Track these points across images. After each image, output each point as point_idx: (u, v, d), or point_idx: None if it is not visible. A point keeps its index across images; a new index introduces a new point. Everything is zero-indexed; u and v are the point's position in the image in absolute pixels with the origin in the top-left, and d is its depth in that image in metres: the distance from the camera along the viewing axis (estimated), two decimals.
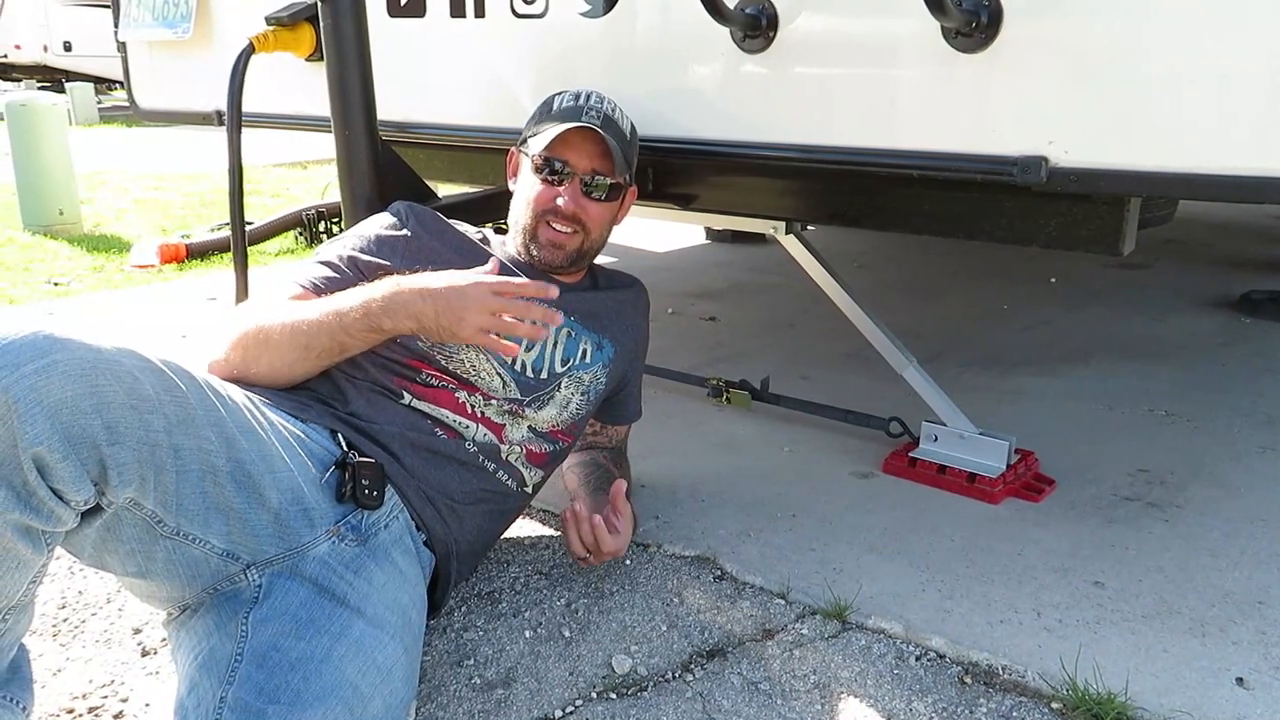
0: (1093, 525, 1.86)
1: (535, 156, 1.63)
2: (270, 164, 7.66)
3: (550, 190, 1.62)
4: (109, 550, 1.15)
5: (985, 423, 2.06)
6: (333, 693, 1.13)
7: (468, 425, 1.52)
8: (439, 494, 1.47)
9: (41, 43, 14.28)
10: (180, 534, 1.15)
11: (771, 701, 1.37)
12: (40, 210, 5.08)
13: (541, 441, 1.61)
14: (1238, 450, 2.21)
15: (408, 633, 1.30)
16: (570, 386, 1.63)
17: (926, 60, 1.55)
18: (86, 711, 1.37)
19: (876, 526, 1.86)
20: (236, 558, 1.21)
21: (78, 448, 1.01)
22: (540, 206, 1.63)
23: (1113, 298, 3.59)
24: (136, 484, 1.07)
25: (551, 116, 1.66)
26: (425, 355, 1.52)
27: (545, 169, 1.62)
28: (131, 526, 1.12)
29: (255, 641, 1.17)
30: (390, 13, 2.23)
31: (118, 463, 1.04)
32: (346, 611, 1.24)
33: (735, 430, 2.34)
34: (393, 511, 1.41)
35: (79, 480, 1.02)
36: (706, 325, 3.28)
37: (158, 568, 1.18)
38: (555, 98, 1.71)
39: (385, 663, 1.21)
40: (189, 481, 1.13)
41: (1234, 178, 1.36)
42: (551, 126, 1.61)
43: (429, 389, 1.51)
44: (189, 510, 1.14)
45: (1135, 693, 1.36)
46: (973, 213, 1.78)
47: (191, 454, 1.13)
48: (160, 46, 2.82)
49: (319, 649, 1.17)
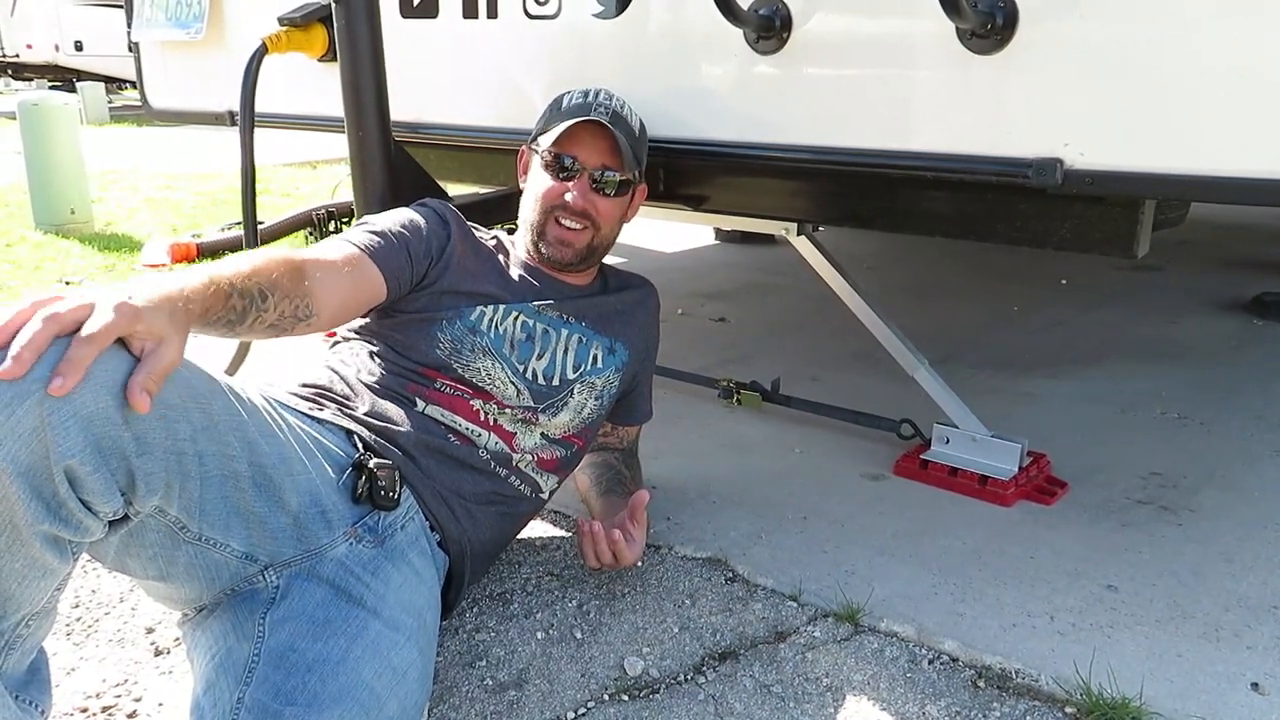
0: (1106, 528, 1.86)
1: (544, 152, 1.63)
2: (280, 163, 7.68)
3: (559, 186, 1.62)
4: (131, 555, 1.15)
5: (997, 425, 2.06)
6: (349, 694, 1.13)
7: (480, 433, 1.52)
8: (453, 494, 1.47)
9: (53, 42, 14.35)
10: (202, 539, 1.15)
11: (784, 704, 1.36)
12: (52, 209, 5.10)
13: (554, 447, 1.61)
14: (1251, 453, 2.20)
15: (423, 634, 1.30)
16: (584, 392, 1.63)
17: (941, 62, 1.55)
18: (100, 710, 1.37)
19: (888, 529, 1.86)
20: (255, 559, 1.21)
21: (109, 459, 1.00)
22: (549, 202, 1.63)
23: (1125, 299, 3.58)
24: (162, 492, 1.07)
25: (561, 113, 1.66)
26: (442, 364, 1.52)
27: (554, 165, 1.62)
28: (155, 533, 1.12)
29: (272, 642, 1.17)
30: (403, 13, 2.23)
31: (145, 473, 1.03)
32: (363, 613, 1.24)
33: (746, 431, 2.34)
34: (409, 513, 1.41)
35: (109, 492, 1.01)
36: (717, 326, 3.28)
37: (178, 571, 1.18)
38: (564, 95, 1.72)
39: (401, 664, 1.21)
40: (212, 487, 1.13)
41: (1251, 180, 1.35)
42: (560, 123, 1.62)
43: (444, 395, 1.52)
44: (211, 516, 1.14)
45: (1150, 698, 1.36)
46: (987, 214, 1.78)
47: (214, 459, 1.12)
48: (173, 47, 2.83)
49: (336, 650, 1.17)
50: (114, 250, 4.64)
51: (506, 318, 1.58)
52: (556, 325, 1.62)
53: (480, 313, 1.56)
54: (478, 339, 1.54)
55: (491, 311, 1.57)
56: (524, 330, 1.59)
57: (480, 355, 1.53)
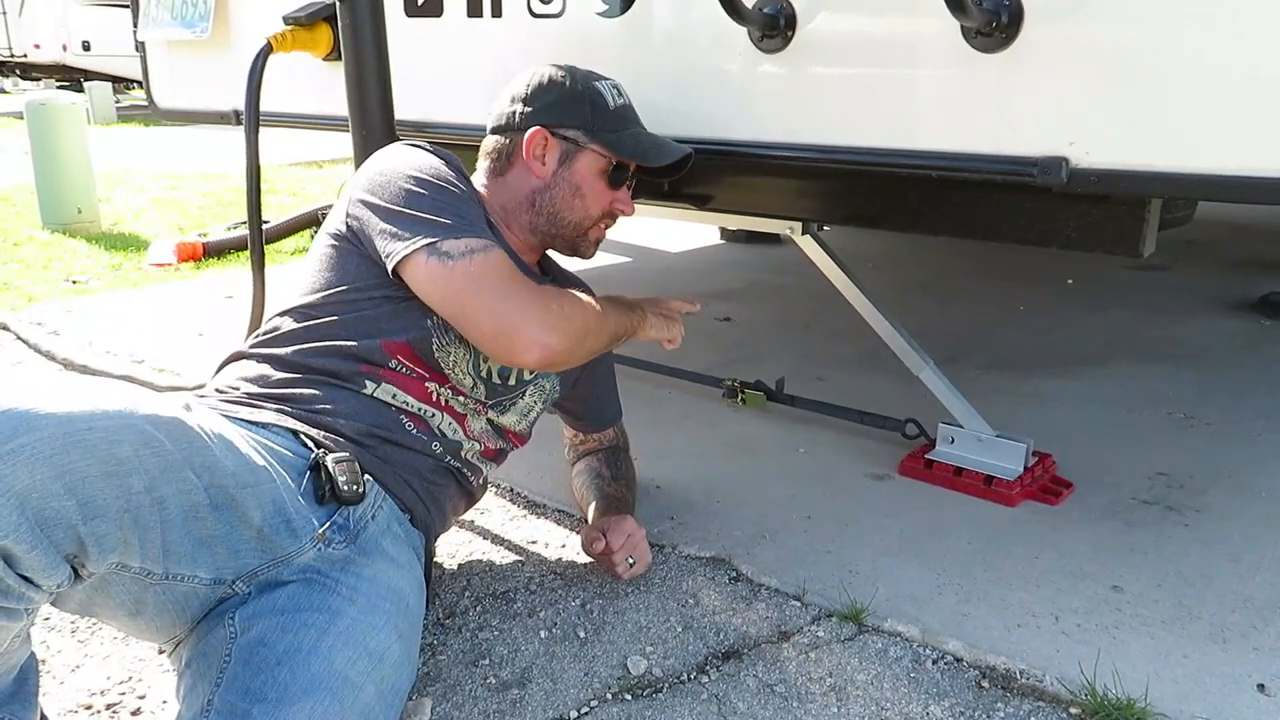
0: (1111, 529, 1.85)
1: (611, 158, 1.58)
2: (286, 163, 7.70)
3: (614, 194, 1.61)
4: (97, 604, 1.14)
5: (1002, 425, 2.05)
6: (320, 684, 1.12)
7: (434, 414, 1.48)
8: (413, 474, 1.45)
9: (60, 42, 14.41)
10: (169, 577, 1.13)
11: (787, 704, 1.36)
12: (59, 208, 5.12)
13: (497, 438, 1.61)
14: (1258, 454, 2.19)
15: (404, 618, 1.30)
16: (534, 395, 1.62)
17: (946, 60, 1.54)
18: (104, 708, 1.37)
19: (893, 529, 1.85)
20: (223, 581, 1.20)
21: (50, 531, 0.98)
22: (601, 208, 1.61)
23: (1131, 299, 3.57)
24: (120, 549, 1.05)
25: (619, 120, 1.60)
26: (415, 343, 1.45)
27: (620, 175, 1.60)
28: (119, 584, 1.10)
29: (244, 639, 1.16)
30: (408, 12, 2.24)
31: (97, 536, 1.01)
32: (337, 600, 1.23)
33: (750, 431, 2.34)
34: (376, 501, 1.39)
35: (50, 567, 0.99)
36: (721, 326, 3.27)
37: (148, 609, 1.17)
38: (601, 87, 1.60)
39: (377, 648, 1.20)
40: (174, 528, 1.10)
41: (1257, 179, 1.35)
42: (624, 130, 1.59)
43: (399, 375, 1.45)
44: (176, 554, 1.12)
45: (1155, 699, 1.35)
46: (992, 213, 1.77)
47: (174, 500, 1.09)
48: (179, 46, 2.84)
49: (306, 641, 1.16)
50: (120, 249, 4.66)
51: None
52: None
53: None
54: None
55: None
56: None
57: (458, 341, 1.48)
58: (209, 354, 2.71)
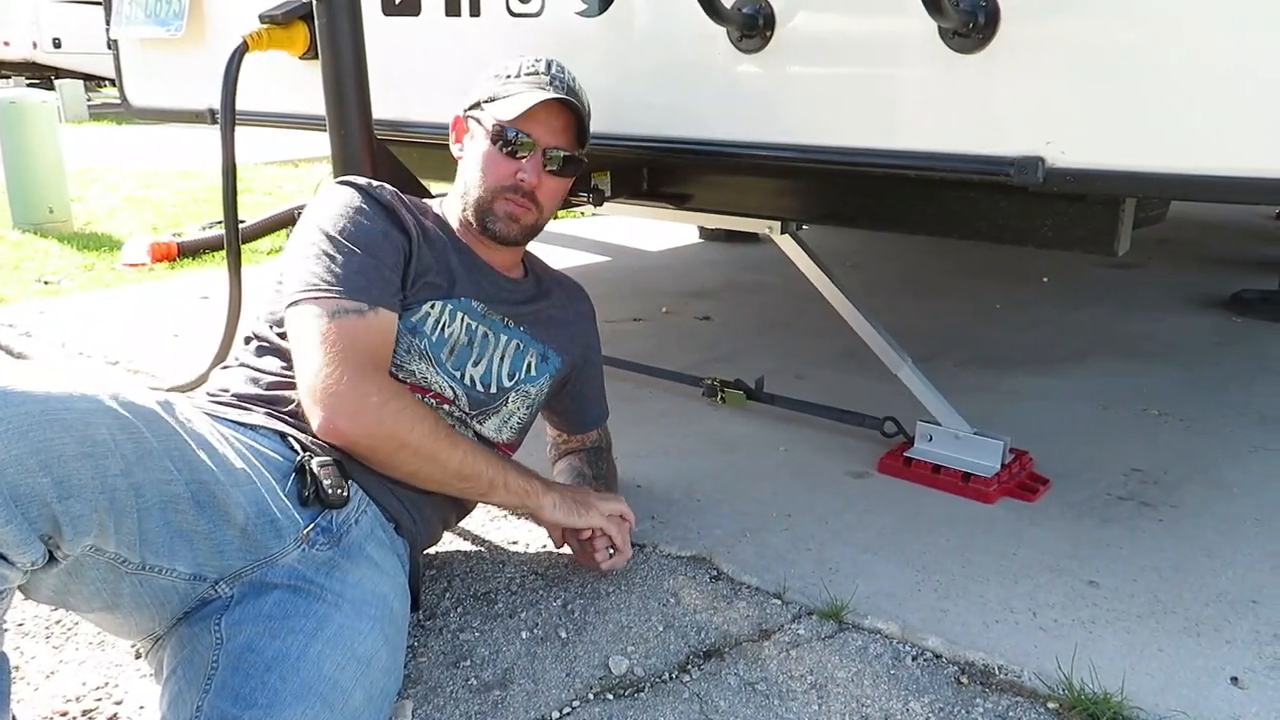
0: (1088, 525, 1.87)
1: (495, 125, 1.53)
2: (262, 162, 7.63)
3: (511, 164, 1.53)
4: (71, 593, 1.12)
5: (980, 422, 2.07)
6: (311, 690, 1.12)
7: None
8: (397, 483, 1.43)
9: (31, 39, 14.22)
10: (145, 567, 1.12)
11: (768, 702, 1.37)
12: (30, 208, 5.05)
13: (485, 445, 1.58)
14: (1232, 449, 2.22)
15: (389, 623, 1.29)
16: (516, 400, 1.60)
17: (923, 60, 1.55)
18: (81, 714, 1.36)
19: (872, 526, 1.86)
20: (203, 578, 1.19)
21: (25, 507, 0.97)
22: (499, 181, 1.53)
23: (1106, 297, 3.60)
24: (96, 532, 1.04)
25: (511, 82, 1.56)
26: None
27: (508, 140, 1.52)
28: (94, 570, 1.09)
29: (231, 646, 1.15)
30: (385, 11, 2.23)
31: (72, 516, 1.01)
32: (323, 607, 1.23)
33: (731, 430, 2.34)
34: (360, 506, 1.38)
35: (25, 543, 0.98)
36: (701, 325, 3.28)
37: (124, 602, 1.15)
38: (514, 62, 1.59)
39: (365, 653, 1.20)
40: (151, 517, 1.09)
41: (1230, 179, 1.37)
42: (516, 94, 1.52)
43: None
44: (153, 544, 1.11)
45: (1131, 692, 1.36)
46: (969, 212, 1.79)
47: (152, 488, 1.09)
48: (153, 44, 2.81)
49: (295, 646, 1.15)
50: (93, 249, 4.60)
51: (453, 320, 1.52)
52: (497, 329, 1.57)
53: (425, 314, 1.49)
54: (416, 340, 1.48)
55: (437, 312, 1.50)
56: (467, 334, 1.53)
57: (415, 358, 1.47)
58: (184, 355, 2.69)
